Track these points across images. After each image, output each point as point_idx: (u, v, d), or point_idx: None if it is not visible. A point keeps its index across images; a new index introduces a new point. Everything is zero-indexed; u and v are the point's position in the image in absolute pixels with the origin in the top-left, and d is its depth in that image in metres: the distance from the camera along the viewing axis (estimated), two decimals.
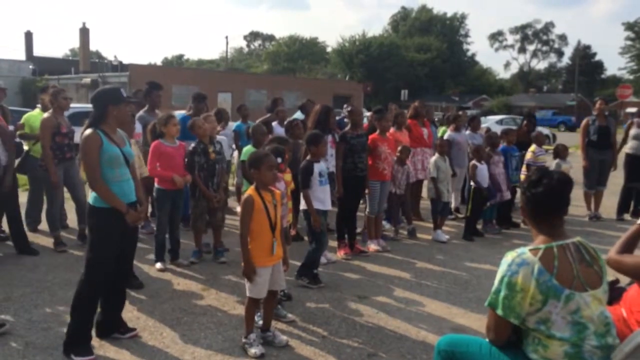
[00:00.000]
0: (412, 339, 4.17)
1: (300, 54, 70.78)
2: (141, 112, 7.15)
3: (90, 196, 3.80)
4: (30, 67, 38.18)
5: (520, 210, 2.69)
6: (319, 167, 5.37)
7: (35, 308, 4.54)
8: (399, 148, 7.10)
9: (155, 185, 5.69)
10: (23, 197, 6.90)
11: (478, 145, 7.83)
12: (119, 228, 3.79)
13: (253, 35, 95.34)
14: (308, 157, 5.44)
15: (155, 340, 4.01)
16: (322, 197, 5.37)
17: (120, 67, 37.36)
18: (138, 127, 6.87)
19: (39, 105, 7.04)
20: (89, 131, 3.76)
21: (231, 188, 9.10)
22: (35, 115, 6.77)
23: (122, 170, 3.83)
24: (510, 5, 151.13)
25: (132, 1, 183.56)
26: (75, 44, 59.32)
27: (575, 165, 8.80)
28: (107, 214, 3.74)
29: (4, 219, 6.36)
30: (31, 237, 6.43)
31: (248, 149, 5.87)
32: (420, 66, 64.46)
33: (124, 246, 3.91)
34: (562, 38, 79.11)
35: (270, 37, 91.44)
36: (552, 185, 2.44)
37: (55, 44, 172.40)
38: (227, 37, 73.74)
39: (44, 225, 6.84)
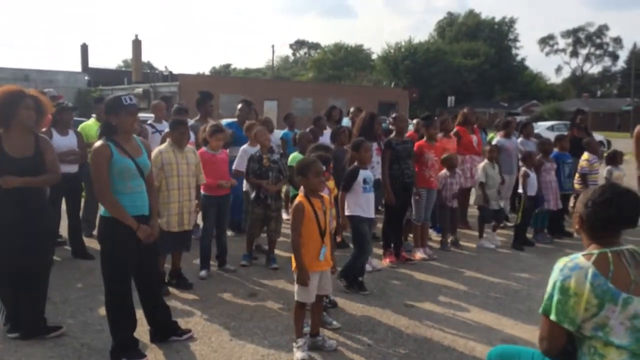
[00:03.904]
0: (460, 349, 4.09)
1: (346, 62, 70.86)
2: (192, 121, 7.27)
3: (101, 207, 3.72)
4: (86, 78, 39.55)
5: (574, 219, 2.56)
6: (364, 173, 5.33)
7: (90, 311, 4.70)
8: (442, 156, 6.88)
9: (201, 192, 5.78)
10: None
11: (528, 151, 7.63)
12: (134, 238, 3.67)
13: (299, 44, 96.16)
14: (355, 163, 5.44)
15: (204, 345, 4.08)
16: (365, 205, 5.30)
17: (170, 77, 38.37)
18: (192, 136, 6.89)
19: (94, 115, 7.29)
20: (98, 143, 3.64)
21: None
22: (91, 125, 7.00)
23: (134, 182, 3.69)
24: (561, 8, 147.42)
25: (183, 13, 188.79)
26: (128, 55, 61.44)
27: (629, 173, 8.46)
28: (119, 222, 3.62)
29: (62, 223, 6.60)
30: (86, 241, 6.62)
31: (295, 155, 5.94)
32: (468, 72, 63.40)
33: (142, 259, 3.79)
34: (617, 41, 76.38)
35: (316, 45, 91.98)
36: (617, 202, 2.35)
37: (110, 56, 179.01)
38: (273, 46, 75.66)
39: None
